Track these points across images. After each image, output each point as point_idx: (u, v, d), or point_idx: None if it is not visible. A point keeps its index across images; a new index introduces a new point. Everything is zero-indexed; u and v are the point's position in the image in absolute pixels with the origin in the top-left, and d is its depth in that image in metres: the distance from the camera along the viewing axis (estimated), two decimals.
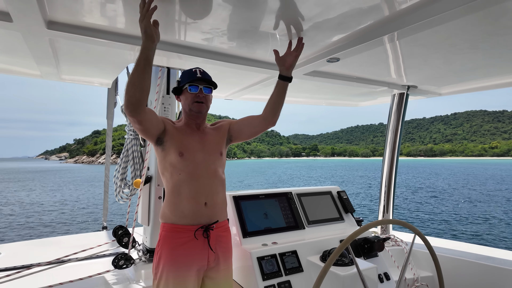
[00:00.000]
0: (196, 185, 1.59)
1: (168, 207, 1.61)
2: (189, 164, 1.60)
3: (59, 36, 1.64)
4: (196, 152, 1.63)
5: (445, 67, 2.18)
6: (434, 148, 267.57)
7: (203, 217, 1.59)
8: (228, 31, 1.68)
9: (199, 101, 1.65)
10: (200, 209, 1.59)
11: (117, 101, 3.77)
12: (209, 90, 1.69)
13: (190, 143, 1.65)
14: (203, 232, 1.58)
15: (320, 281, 1.11)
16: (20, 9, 1.37)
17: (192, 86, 1.63)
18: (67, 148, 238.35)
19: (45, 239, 3.21)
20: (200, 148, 1.66)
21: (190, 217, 1.58)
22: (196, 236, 1.56)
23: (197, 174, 1.60)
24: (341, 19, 1.50)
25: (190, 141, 1.65)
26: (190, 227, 1.57)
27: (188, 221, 1.57)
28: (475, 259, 2.35)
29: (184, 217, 1.57)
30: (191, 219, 1.58)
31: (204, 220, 1.60)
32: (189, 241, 1.56)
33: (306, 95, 3.45)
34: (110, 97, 3.67)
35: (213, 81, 1.69)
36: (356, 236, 1.16)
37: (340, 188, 2.48)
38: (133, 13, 1.48)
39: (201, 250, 1.57)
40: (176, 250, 1.55)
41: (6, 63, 2.37)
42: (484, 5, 1.24)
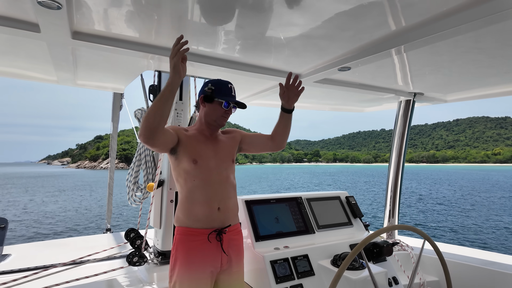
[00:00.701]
0: (209, 191, 1.64)
1: (182, 212, 1.66)
2: (202, 171, 1.64)
3: (81, 45, 1.72)
4: (209, 159, 1.68)
5: (451, 75, 2.24)
6: (436, 154, 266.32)
7: (216, 221, 1.65)
8: (239, 40, 1.75)
9: (225, 116, 1.73)
10: (213, 213, 1.64)
11: (123, 104, 3.84)
12: (235, 107, 1.78)
13: (204, 150, 1.69)
14: (216, 236, 1.62)
15: (334, 285, 1.15)
16: (50, 21, 1.45)
17: (226, 103, 1.70)
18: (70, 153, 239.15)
19: (52, 241, 3.27)
20: (213, 155, 1.71)
21: (203, 221, 1.63)
22: (209, 239, 1.61)
23: (210, 180, 1.65)
24: (354, 32, 1.57)
25: (203, 148, 1.70)
26: (204, 230, 1.62)
27: (202, 224, 1.62)
28: (481, 264, 2.38)
29: (198, 221, 1.62)
30: (204, 223, 1.63)
31: (217, 224, 1.65)
32: (203, 244, 1.61)
33: (313, 101, 3.52)
34: (115, 100, 3.73)
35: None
36: (369, 241, 1.20)
37: (348, 193, 2.53)
38: (148, 23, 1.55)
39: (215, 253, 1.62)
40: (190, 253, 1.60)
41: (24, 69, 2.45)
42: (486, 23, 1.31)
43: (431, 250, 2.40)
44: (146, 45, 1.83)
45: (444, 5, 1.28)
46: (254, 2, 1.32)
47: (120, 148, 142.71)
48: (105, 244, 3.03)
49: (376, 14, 1.38)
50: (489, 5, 1.23)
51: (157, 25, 1.57)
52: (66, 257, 2.59)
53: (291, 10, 1.38)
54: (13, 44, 1.87)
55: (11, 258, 2.65)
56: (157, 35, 1.69)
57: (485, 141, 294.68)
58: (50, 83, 2.85)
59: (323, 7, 1.33)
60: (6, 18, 1.48)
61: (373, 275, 1.33)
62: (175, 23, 1.52)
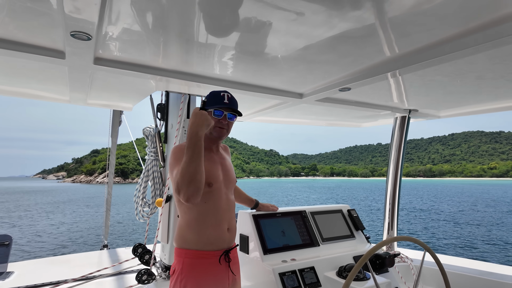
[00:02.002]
0: (220, 213, 1.64)
1: (192, 234, 1.60)
2: (215, 194, 1.62)
3: (101, 70, 1.84)
4: (221, 181, 1.67)
5: (444, 93, 2.38)
6: (433, 168, 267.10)
7: (225, 242, 1.65)
8: (246, 64, 1.87)
9: (221, 126, 1.67)
10: (224, 234, 1.64)
11: (122, 120, 3.90)
12: (233, 116, 1.71)
13: (217, 172, 1.67)
14: (225, 257, 1.63)
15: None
16: (77, 50, 1.57)
17: (217, 111, 1.64)
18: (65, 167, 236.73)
19: (54, 258, 3.25)
20: (223, 176, 1.70)
21: (215, 243, 1.61)
22: (220, 261, 1.60)
23: (221, 202, 1.65)
24: (355, 57, 1.72)
25: (215, 170, 1.67)
26: (215, 252, 1.61)
27: (213, 247, 1.61)
28: (479, 274, 2.45)
29: (210, 244, 1.60)
30: (216, 245, 1.61)
31: (226, 245, 1.66)
32: (214, 266, 1.60)
33: (312, 117, 3.65)
34: (115, 116, 3.77)
35: (238, 110, 1.73)
36: (374, 252, 1.29)
37: (350, 207, 2.62)
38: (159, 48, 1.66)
39: (224, 274, 1.63)
40: (203, 277, 1.57)
41: (39, 90, 2.56)
42: (477, 50, 1.46)
43: (430, 261, 2.47)
44: (155, 68, 1.95)
45: (435, 36, 1.43)
46: (260, 32, 1.44)
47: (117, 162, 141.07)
48: (107, 261, 3.03)
49: (375, 43, 1.52)
50: (479, 35, 1.37)
51: (166, 49, 1.68)
52: (71, 274, 2.60)
53: (299, 39, 1.51)
54: (33, 68, 1.97)
55: (15, 276, 2.66)
56: (165, 58, 1.81)
57: (481, 155, 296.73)
58: (60, 102, 2.96)
59: (329, 37, 1.47)
60: (33, 46, 1.59)
61: (378, 285, 1.41)
62: (183, 47, 1.63)
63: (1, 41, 1.53)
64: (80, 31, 1.38)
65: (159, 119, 2.73)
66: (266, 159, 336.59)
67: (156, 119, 2.74)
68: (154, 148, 2.65)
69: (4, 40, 1.53)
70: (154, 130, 2.67)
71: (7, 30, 1.43)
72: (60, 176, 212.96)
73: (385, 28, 1.37)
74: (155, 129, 2.68)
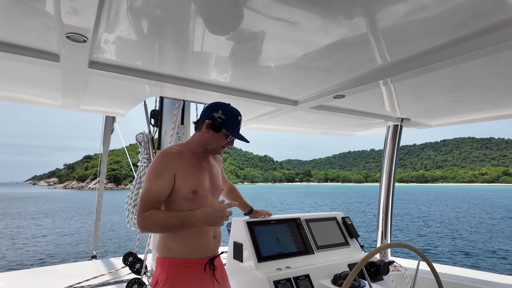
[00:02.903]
0: None
1: (175, 242, 1.56)
2: (201, 201, 1.59)
3: (95, 73, 1.81)
4: (207, 189, 1.64)
5: (435, 102, 2.42)
6: (425, 174, 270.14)
7: (211, 249, 1.64)
8: (241, 70, 1.87)
9: (224, 146, 1.70)
10: (209, 242, 1.63)
11: (114, 128, 3.85)
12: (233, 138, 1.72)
13: (202, 180, 1.63)
14: (210, 265, 1.61)
15: None
16: (72, 53, 1.54)
17: (232, 137, 1.67)
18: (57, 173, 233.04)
19: (39, 268, 3.15)
20: (210, 184, 1.68)
21: (200, 251, 1.59)
22: (205, 269, 1.58)
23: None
24: (349, 65, 1.73)
25: (201, 177, 1.63)
26: (200, 260, 1.58)
27: (198, 255, 1.58)
28: (474, 283, 2.45)
29: (195, 252, 1.58)
30: (201, 253, 1.59)
31: (211, 253, 1.64)
32: (199, 275, 1.57)
33: (306, 125, 3.67)
34: (107, 123, 3.70)
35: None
36: (367, 260, 1.27)
37: (344, 214, 2.61)
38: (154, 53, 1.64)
39: (209, 282, 1.60)
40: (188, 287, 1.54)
41: (32, 95, 2.52)
42: (467, 58, 1.48)
43: (424, 270, 2.46)
44: (150, 73, 1.93)
45: (428, 43, 1.45)
46: (256, 38, 1.44)
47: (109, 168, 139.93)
48: (96, 271, 2.95)
49: (368, 50, 1.54)
50: (469, 44, 1.39)
51: (161, 54, 1.67)
52: (57, 285, 2.53)
53: (294, 46, 1.52)
54: (26, 71, 1.93)
55: (0, 287, 2.58)
56: (160, 63, 1.79)
57: (472, 161, 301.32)
58: (52, 108, 2.91)
59: (323, 44, 1.48)
60: (27, 48, 1.56)
61: None
62: (178, 52, 1.62)
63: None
64: (76, 33, 1.35)
65: (153, 125, 2.71)
66: (260, 165, 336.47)
67: (150, 125, 2.71)
68: (147, 154, 2.62)
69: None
70: (148, 136, 2.64)
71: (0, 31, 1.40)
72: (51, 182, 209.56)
73: (377, 36, 1.39)
74: (149, 135, 2.65)
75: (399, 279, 2.67)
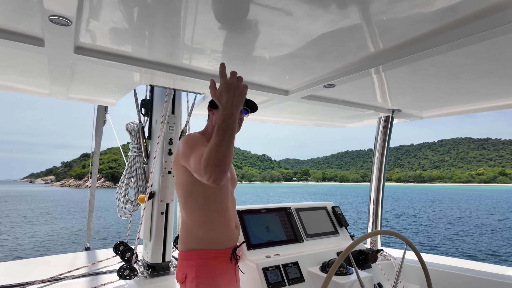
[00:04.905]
0: (228, 211, 1.63)
1: (203, 233, 1.55)
2: (223, 192, 1.60)
3: (82, 59, 1.78)
4: (228, 180, 1.66)
5: (426, 93, 2.42)
6: (423, 174, 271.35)
7: (235, 239, 1.66)
8: (230, 58, 1.85)
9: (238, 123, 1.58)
10: (234, 232, 1.64)
11: (106, 119, 3.81)
12: (246, 112, 1.69)
13: None
14: (234, 254, 1.62)
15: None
16: (57, 37, 1.52)
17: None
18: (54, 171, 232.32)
19: (31, 259, 3.14)
20: (230, 176, 1.70)
21: (227, 241, 1.60)
22: (230, 259, 1.60)
23: (228, 201, 1.65)
24: (339, 53, 1.72)
25: None
26: (226, 250, 1.59)
27: (224, 245, 1.59)
28: (459, 271, 2.49)
29: (222, 242, 1.58)
30: (227, 243, 1.60)
31: (235, 242, 1.66)
32: (226, 265, 1.58)
33: (298, 116, 3.66)
34: (99, 114, 3.65)
35: (255, 103, 1.68)
36: (354, 246, 1.26)
37: (334, 204, 2.62)
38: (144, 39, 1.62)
39: (233, 272, 1.63)
40: (218, 278, 1.53)
41: (17, 82, 2.48)
42: (456, 46, 1.48)
43: (412, 259, 2.47)
44: (141, 60, 1.91)
45: (417, 30, 1.45)
46: (245, 24, 1.43)
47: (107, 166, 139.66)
48: (86, 261, 2.95)
49: (358, 37, 1.53)
50: (458, 30, 1.38)
51: (152, 41, 1.65)
52: (47, 274, 2.51)
53: (283, 32, 1.51)
54: (10, 56, 1.91)
55: None
56: (151, 50, 1.77)
57: (469, 161, 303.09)
58: (40, 96, 2.88)
59: (312, 30, 1.47)
60: (10, 32, 1.54)
61: (361, 279, 1.39)
62: (168, 38, 1.61)
63: None
64: (59, 15, 1.33)
65: (143, 115, 2.69)
66: (258, 164, 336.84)
67: (140, 115, 2.69)
68: (138, 144, 2.61)
69: None
70: (138, 125, 2.63)
71: None
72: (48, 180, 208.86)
73: (368, 22, 1.38)
74: (139, 124, 2.63)
75: (388, 267, 2.68)
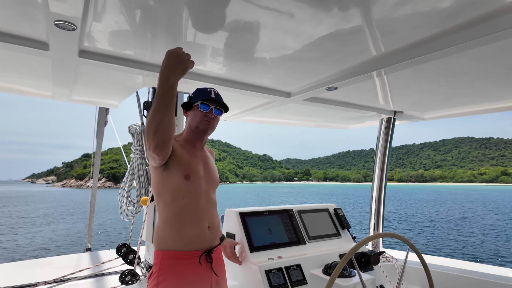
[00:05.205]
0: (199, 210, 1.58)
1: (169, 233, 1.52)
2: (193, 189, 1.56)
3: (86, 63, 1.80)
4: (200, 177, 1.61)
5: (427, 95, 2.42)
6: (425, 174, 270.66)
7: (207, 241, 1.59)
8: (234, 61, 1.86)
9: (208, 120, 1.64)
10: (205, 233, 1.58)
11: (108, 120, 3.83)
12: (219, 112, 1.69)
13: (196, 166, 1.61)
14: (206, 257, 1.56)
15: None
16: (61, 41, 1.53)
17: (203, 105, 1.62)
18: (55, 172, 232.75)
19: (33, 260, 3.15)
20: (204, 172, 1.65)
21: (195, 242, 1.54)
22: (200, 261, 1.54)
23: (200, 200, 1.59)
24: (341, 56, 1.72)
25: (195, 163, 1.61)
26: (195, 252, 1.53)
27: (193, 246, 1.54)
28: (461, 273, 2.49)
29: (190, 243, 1.53)
30: (196, 244, 1.55)
31: (207, 244, 1.59)
32: (195, 267, 1.52)
33: (300, 118, 3.67)
34: (100, 115, 3.70)
35: (225, 104, 1.71)
36: (357, 249, 1.27)
37: (336, 205, 2.62)
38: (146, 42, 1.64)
39: (205, 275, 1.56)
40: (182, 280, 1.49)
41: (21, 85, 2.50)
42: (457, 50, 1.48)
43: (414, 261, 2.47)
44: (143, 62, 1.92)
45: (420, 34, 1.45)
46: (247, 27, 1.43)
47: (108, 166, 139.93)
48: (89, 263, 2.95)
49: (360, 41, 1.54)
50: (461, 34, 1.39)
51: (154, 44, 1.66)
52: (50, 276, 2.52)
53: (286, 35, 1.51)
54: (15, 60, 1.92)
55: None
56: (153, 53, 1.79)
57: (471, 161, 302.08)
58: (43, 98, 2.89)
59: (315, 33, 1.47)
60: (14, 36, 1.55)
61: (364, 281, 1.39)
62: (170, 41, 1.62)
63: None
64: (65, 20, 1.34)
65: (145, 117, 2.70)
66: (259, 164, 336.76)
67: (142, 117, 2.70)
68: (140, 146, 2.61)
69: None
70: (140, 127, 2.63)
71: None
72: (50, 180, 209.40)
73: (368, 27, 1.39)
74: (141, 126, 2.64)
75: (390, 269, 2.68)
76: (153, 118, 1.33)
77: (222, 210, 2.07)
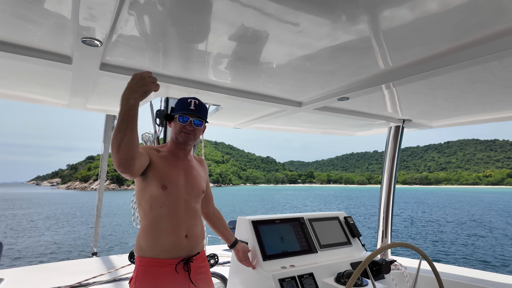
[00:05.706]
0: (176, 219, 1.58)
1: (145, 241, 1.55)
2: (171, 199, 1.56)
3: (105, 75, 1.86)
4: (179, 186, 1.61)
5: (435, 104, 2.45)
6: (429, 176, 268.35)
7: (184, 249, 1.58)
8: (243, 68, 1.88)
9: (186, 132, 1.63)
10: (181, 241, 1.57)
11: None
12: (200, 123, 1.66)
13: (174, 176, 1.61)
14: (184, 265, 1.56)
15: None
16: (86, 56, 1.59)
17: (182, 117, 1.62)
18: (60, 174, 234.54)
19: (43, 265, 3.20)
20: (184, 182, 1.64)
21: (170, 251, 1.54)
22: (177, 270, 1.53)
23: (177, 209, 1.59)
24: (354, 69, 1.77)
25: (174, 174, 1.61)
26: (171, 260, 1.54)
27: (169, 254, 1.54)
28: (473, 282, 2.48)
29: (165, 251, 1.54)
30: (171, 252, 1.55)
31: (184, 253, 1.58)
32: (170, 275, 1.52)
33: (308, 125, 3.70)
34: (108, 121, 3.78)
35: (204, 116, 1.68)
36: (371, 259, 1.29)
37: (347, 214, 2.64)
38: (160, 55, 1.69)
39: (182, 284, 1.55)
40: (156, 287, 1.50)
41: (40, 94, 2.57)
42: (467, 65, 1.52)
43: (424, 269, 2.49)
44: (156, 74, 1.97)
45: (428, 50, 1.49)
46: (261, 40, 1.47)
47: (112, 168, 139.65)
48: (100, 268, 3.00)
49: (371, 55, 1.59)
50: (466, 52, 1.43)
51: (165, 56, 1.72)
52: (62, 281, 2.56)
53: (301, 51, 1.56)
54: (36, 72, 1.98)
55: (5, 283, 2.61)
56: (166, 65, 1.84)
57: (476, 163, 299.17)
58: (58, 107, 2.96)
59: (330, 48, 1.52)
60: (39, 50, 1.61)
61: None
62: (183, 54, 1.67)
63: (7, 45, 1.54)
64: (92, 37, 1.40)
65: (158, 125, 2.75)
66: (263, 166, 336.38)
67: (155, 125, 2.76)
68: None
69: (10, 44, 1.54)
70: (153, 136, 2.69)
71: (15, 34, 1.45)
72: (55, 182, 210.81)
73: (381, 42, 1.43)
74: (154, 134, 2.69)
75: (399, 277, 2.69)
76: (115, 137, 1.33)
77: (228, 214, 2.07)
